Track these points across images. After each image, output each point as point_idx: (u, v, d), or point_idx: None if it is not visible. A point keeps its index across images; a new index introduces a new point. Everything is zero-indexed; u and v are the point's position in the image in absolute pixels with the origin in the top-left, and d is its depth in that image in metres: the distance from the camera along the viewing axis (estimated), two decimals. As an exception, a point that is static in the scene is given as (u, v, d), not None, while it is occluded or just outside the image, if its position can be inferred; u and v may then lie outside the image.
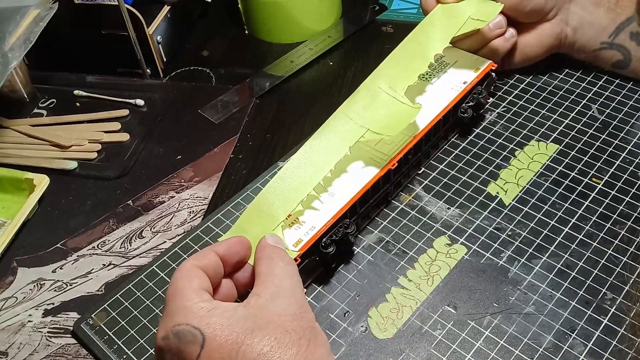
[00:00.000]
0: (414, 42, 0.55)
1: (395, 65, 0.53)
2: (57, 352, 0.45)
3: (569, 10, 0.57)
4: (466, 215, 0.51)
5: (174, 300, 0.35)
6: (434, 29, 0.55)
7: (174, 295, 0.35)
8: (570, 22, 0.58)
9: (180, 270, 0.37)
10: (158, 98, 0.66)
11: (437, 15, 0.56)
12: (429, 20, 0.56)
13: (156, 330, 0.36)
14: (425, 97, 0.54)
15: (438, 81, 0.55)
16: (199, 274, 0.37)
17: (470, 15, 0.56)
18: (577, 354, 0.41)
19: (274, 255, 0.39)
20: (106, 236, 0.53)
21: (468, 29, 0.55)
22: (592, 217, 0.49)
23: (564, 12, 0.57)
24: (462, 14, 0.56)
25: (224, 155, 0.59)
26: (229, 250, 0.39)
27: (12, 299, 0.49)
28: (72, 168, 0.59)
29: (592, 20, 0.57)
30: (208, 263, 0.37)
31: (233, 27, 0.76)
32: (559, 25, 0.58)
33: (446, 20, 0.56)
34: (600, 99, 0.60)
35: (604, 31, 0.57)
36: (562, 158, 0.54)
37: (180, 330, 0.33)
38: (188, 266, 0.37)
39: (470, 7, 0.56)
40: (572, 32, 0.58)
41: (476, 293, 0.45)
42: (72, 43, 0.67)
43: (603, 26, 0.57)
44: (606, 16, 0.57)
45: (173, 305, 0.35)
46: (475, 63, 0.56)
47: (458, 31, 0.55)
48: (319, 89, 0.66)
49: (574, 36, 0.58)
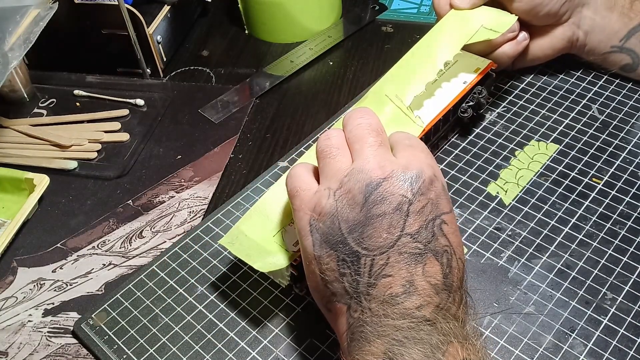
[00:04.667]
0: (425, 49, 0.54)
1: (405, 72, 0.52)
2: (57, 352, 0.45)
3: (582, 13, 0.57)
4: (466, 215, 0.51)
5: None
6: (445, 36, 0.54)
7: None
8: (583, 26, 0.57)
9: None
10: (158, 98, 0.66)
11: (449, 20, 0.55)
12: (440, 26, 0.55)
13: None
14: (426, 97, 0.54)
15: (438, 81, 0.55)
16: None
17: (483, 24, 0.54)
18: (577, 354, 0.41)
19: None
20: (106, 236, 0.53)
21: (480, 39, 0.54)
22: (592, 217, 0.49)
23: (576, 16, 0.57)
24: (475, 21, 0.55)
25: (224, 155, 0.59)
26: None
27: (12, 298, 0.49)
28: (72, 168, 0.59)
29: (605, 25, 0.57)
30: None
31: (233, 27, 0.76)
32: (571, 28, 0.57)
33: (458, 26, 0.54)
34: (600, 99, 0.60)
35: (615, 35, 0.57)
36: (562, 158, 0.54)
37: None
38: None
39: (484, 15, 0.55)
40: (584, 35, 0.58)
41: (476, 293, 0.45)
42: (72, 43, 0.67)
43: (615, 30, 0.57)
44: (619, 20, 0.57)
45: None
46: (475, 63, 0.56)
47: (470, 39, 0.54)
48: (319, 89, 0.66)
49: (585, 39, 0.58)
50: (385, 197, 0.35)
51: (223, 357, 0.43)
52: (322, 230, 0.36)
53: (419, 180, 0.36)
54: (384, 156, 0.37)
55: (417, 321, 0.33)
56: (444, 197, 0.37)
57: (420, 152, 0.39)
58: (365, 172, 0.36)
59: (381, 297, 0.34)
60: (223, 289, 0.47)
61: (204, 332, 0.44)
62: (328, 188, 0.37)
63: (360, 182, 0.36)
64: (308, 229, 0.37)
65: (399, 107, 0.50)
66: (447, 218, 0.36)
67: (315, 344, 0.43)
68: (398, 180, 0.36)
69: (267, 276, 0.47)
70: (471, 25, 0.54)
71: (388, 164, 0.37)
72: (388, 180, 0.36)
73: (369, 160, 0.37)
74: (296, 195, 0.39)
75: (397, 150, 0.39)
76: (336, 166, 0.38)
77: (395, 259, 0.34)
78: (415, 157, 0.38)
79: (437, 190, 0.37)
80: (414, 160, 0.37)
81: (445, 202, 0.37)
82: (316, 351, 0.43)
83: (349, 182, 0.36)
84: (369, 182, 0.36)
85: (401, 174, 0.36)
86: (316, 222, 0.37)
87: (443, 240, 0.35)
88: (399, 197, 0.35)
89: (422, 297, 0.34)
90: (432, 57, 0.53)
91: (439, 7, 0.57)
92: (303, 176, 0.40)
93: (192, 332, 0.45)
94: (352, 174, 0.37)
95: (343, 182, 0.37)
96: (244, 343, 0.44)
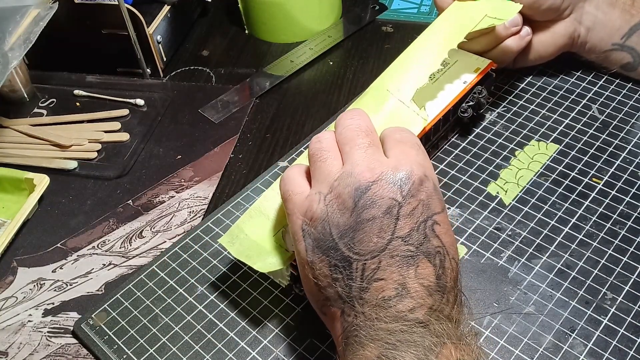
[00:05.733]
0: (427, 40, 0.53)
1: (407, 64, 0.52)
2: (57, 352, 0.45)
3: (584, 9, 0.57)
4: (466, 215, 0.51)
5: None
6: (448, 26, 0.54)
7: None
8: (584, 22, 0.57)
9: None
10: (158, 98, 0.66)
11: (452, 11, 0.55)
12: (443, 17, 0.55)
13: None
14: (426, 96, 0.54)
15: (438, 81, 0.55)
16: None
17: (486, 13, 0.54)
18: (577, 354, 0.41)
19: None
20: (106, 236, 0.53)
21: (484, 26, 0.53)
22: (592, 217, 0.49)
23: (578, 11, 0.57)
24: (478, 12, 0.54)
25: (224, 155, 0.59)
26: None
27: (12, 298, 0.49)
28: (72, 168, 0.59)
29: (606, 21, 0.57)
30: None
31: (233, 27, 0.76)
32: (572, 24, 0.57)
33: (462, 16, 0.54)
34: (600, 99, 0.60)
35: (616, 32, 0.57)
36: (562, 158, 0.54)
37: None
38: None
39: (487, 5, 0.54)
40: (585, 31, 0.58)
41: (476, 293, 0.45)
42: (72, 43, 0.67)
43: (616, 27, 0.57)
44: (620, 17, 0.57)
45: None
46: (475, 63, 0.56)
47: (474, 27, 0.53)
48: (319, 88, 0.66)
49: (586, 36, 0.58)
50: (374, 201, 0.35)
51: (223, 357, 0.43)
52: (314, 235, 0.36)
53: (408, 182, 0.36)
54: (373, 157, 0.37)
55: (410, 324, 0.33)
56: (436, 196, 0.37)
57: (410, 149, 0.38)
58: (354, 176, 0.36)
59: (374, 301, 0.34)
60: (223, 289, 0.47)
61: (204, 332, 0.44)
62: (319, 192, 0.37)
63: (350, 187, 0.36)
64: (301, 234, 0.37)
65: (401, 100, 0.49)
66: (439, 218, 0.36)
67: (315, 344, 0.43)
68: (387, 183, 0.36)
69: (267, 276, 0.47)
70: (475, 15, 0.54)
71: (377, 165, 0.37)
72: (377, 183, 0.36)
73: (358, 163, 0.37)
74: (289, 199, 0.39)
75: (387, 147, 0.39)
76: (327, 169, 0.38)
77: (387, 263, 0.34)
78: (406, 155, 0.38)
79: (428, 190, 0.36)
80: (404, 160, 0.37)
81: (437, 201, 0.37)
82: (316, 351, 0.43)
83: (339, 187, 0.36)
84: (358, 186, 0.36)
85: (391, 175, 0.36)
86: (308, 227, 0.37)
87: (435, 241, 0.35)
88: (388, 201, 0.35)
89: (415, 299, 0.34)
90: (435, 47, 0.52)
91: (440, 1, 0.56)
92: (296, 179, 0.40)
93: (192, 332, 0.45)
94: (342, 178, 0.37)
95: (333, 187, 0.37)
96: (244, 343, 0.44)
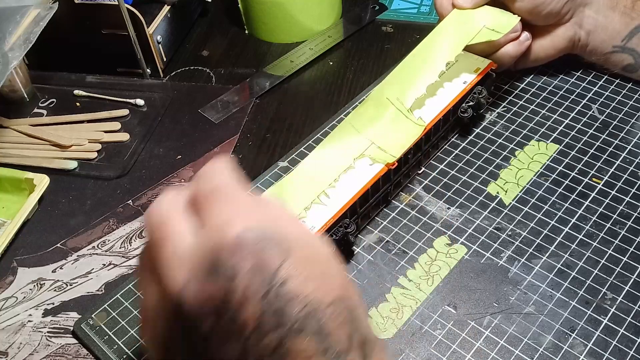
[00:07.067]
0: (426, 50, 0.54)
1: (406, 74, 0.52)
2: (57, 352, 0.45)
3: (584, 13, 0.57)
4: (466, 215, 0.51)
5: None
6: (447, 37, 0.54)
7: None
8: (585, 26, 0.57)
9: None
10: (158, 98, 0.66)
11: (451, 21, 0.55)
12: (442, 27, 0.55)
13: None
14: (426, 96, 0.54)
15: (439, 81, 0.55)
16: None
17: (485, 24, 0.54)
18: (577, 354, 0.41)
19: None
20: (106, 236, 0.53)
21: (482, 39, 0.54)
22: (592, 217, 0.50)
23: (578, 16, 0.57)
24: (477, 22, 0.54)
25: (224, 156, 0.59)
26: None
27: (12, 298, 0.49)
28: (72, 168, 0.59)
29: (607, 24, 0.57)
30: None
31: (233, 27, 0.76)
32: (572, 28, 0.57)
33: (460, 27, 0.54)
34: (600, 99, 0.60)
35: (617, 35, 0.57)
36: (562, 158, 0.54)
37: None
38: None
39: (486, 15, 0.55)
40: (586, 35, 0.58)
41: (476, 293, 0.45)
42: (72, 43, 0.67)
43: (617, 30, 0.57)
44: (621, 20, 0.57)
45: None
46: (475, 63, 0.56)
47: (472, 40, 0.54)
48: (319, 89, 0.66)
49: (587, 39, 0.58)
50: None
51: (223, 357, 0.43)
52: None
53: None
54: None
55: None
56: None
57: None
58: None
59: None
60: (223, 289, 0.47)
61: (204, 332, 0.44)
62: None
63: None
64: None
65: (399, 109, 0.50)
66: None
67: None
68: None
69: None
70: (473, 26, 0.54)
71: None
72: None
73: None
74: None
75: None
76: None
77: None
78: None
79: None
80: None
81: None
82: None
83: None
84: None
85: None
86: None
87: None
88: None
89: None
90: (434, 58, 0.53)
91: (441, 7, 0.56)
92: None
93: (192, 332, 0.44)
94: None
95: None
96: (244, 343, 0.44)
